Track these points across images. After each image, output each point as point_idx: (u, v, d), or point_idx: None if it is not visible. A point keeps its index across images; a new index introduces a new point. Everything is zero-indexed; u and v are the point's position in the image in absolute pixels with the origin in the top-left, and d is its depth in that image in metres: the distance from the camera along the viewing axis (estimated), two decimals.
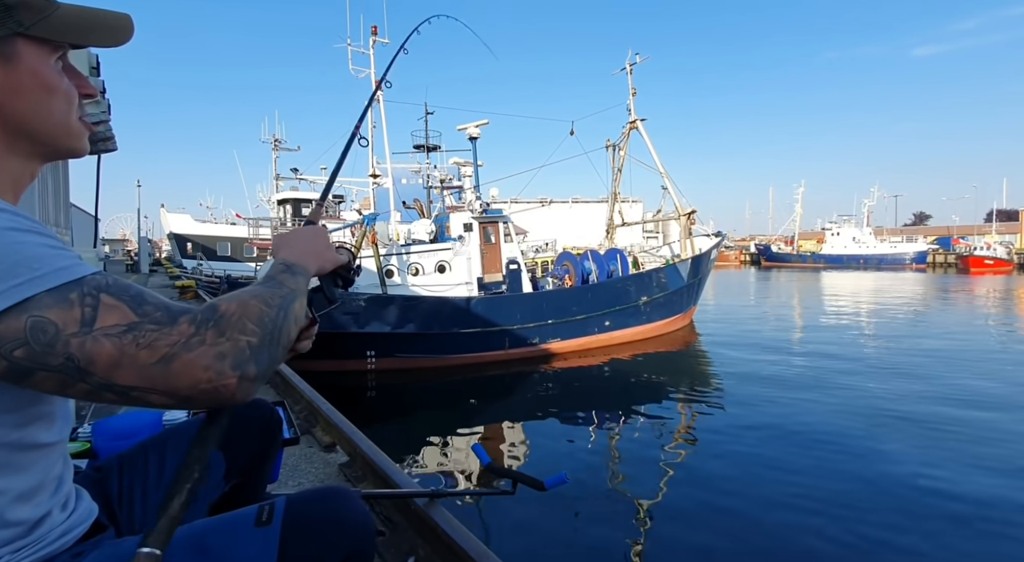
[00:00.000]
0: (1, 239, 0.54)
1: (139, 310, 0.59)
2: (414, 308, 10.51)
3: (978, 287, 27.58)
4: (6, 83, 0.62)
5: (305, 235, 0.91)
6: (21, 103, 0.63)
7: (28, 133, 0.65)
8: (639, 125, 16.67)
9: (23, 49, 0.63)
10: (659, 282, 13.42)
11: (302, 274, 0.81)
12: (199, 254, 25.79)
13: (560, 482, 1.69)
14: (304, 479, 2.11)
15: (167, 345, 0.58)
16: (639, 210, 47.91)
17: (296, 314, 0.73)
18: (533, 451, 6.60)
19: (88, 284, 0.58)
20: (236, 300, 0.66)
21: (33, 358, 0.54)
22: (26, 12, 0.62)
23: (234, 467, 1.05)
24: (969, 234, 56.73)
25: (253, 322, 0.64)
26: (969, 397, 8.11)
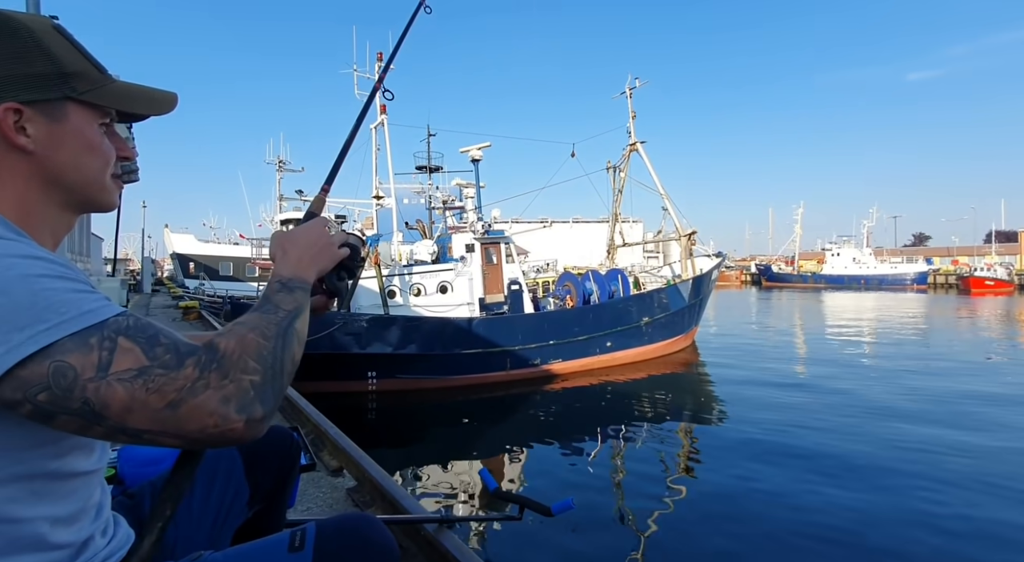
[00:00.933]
0: (33, 285, 0.57)
1: (151, 353, 0.61)
2: (416, 329, 10.52)
3: (981, 308, 27.54)
4: (50, 138, 0.69)
5: (301, 238, 0.88)
6: (61, 157, 0.70)
7: (64, 185, 0.71)
8: (639, 147, 16.91)
9: (72, 111, 0.70)
10: (660, 303, 13.44)
11: (300, 288, 0.80)
12: (201, 274, 25.90)
13: (566, 508, 1.71)
14: (312, 504, 2.12)
15: (174, 390, 0.60)
16: (640, 230, 48.16)
17: (298, 334, 0.74)
18: (537, 474, 6.55)
19: (109, 327, 0.60)
20: (235, 336, 0.67)
21: (55, 402, 0.57)
22: (80, 81, 0.70)
23: (258, 493, 1.08)
24: (969, 255, 56.88)
25: (254, 359, 0.65)
26: (975, 422, 8.07)
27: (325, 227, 0.93)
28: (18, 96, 0.66)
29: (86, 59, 0.72)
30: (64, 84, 0.69)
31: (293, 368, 0.71)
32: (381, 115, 14.18)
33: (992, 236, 59.35)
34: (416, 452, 7.51)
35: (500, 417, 9.48)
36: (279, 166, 31.39)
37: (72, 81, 0.70)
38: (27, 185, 0.69)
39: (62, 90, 0.69)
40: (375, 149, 14.64)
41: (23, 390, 0.56)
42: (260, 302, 0.76)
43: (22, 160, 0.68)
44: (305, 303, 0.79)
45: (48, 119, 0.68)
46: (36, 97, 0.67)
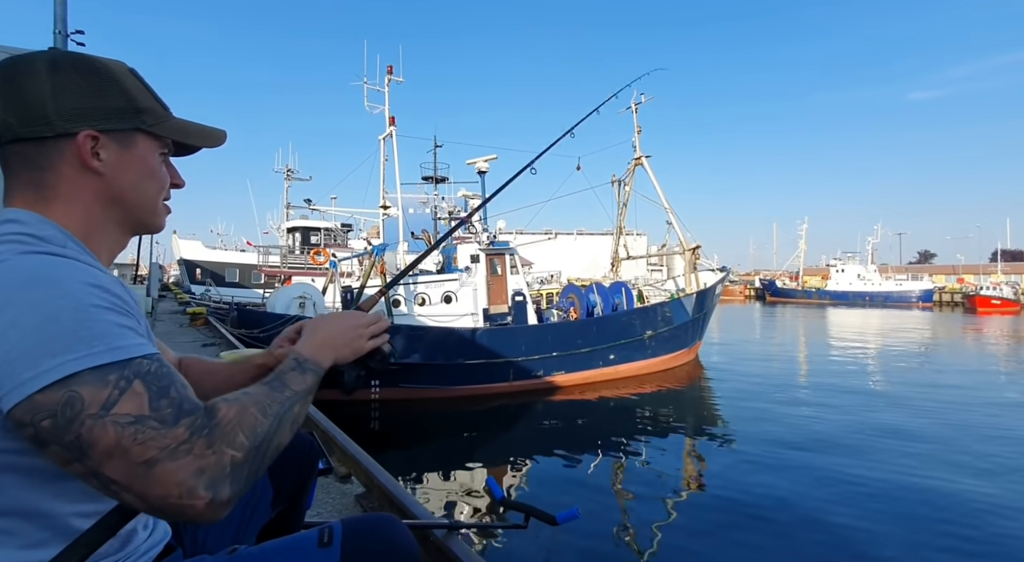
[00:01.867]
0: (81, 315, 0.60)
1: (155, 403, 0.61)
2: (420, 338, 10.57)
3: (990, 327, 27.29)
4: (119, 163, 0.77)
5: (333, 323, 0.92)
6: (125, 180, 0.78)
7: (125, 205, 0.79)
8: (644, 161, 17.03)
9: (139, 140, 0.80)
10: (664, 316, 13.45)
11: (312, 371, 0.82)
12: (208, 280, 26.06)
13: (572, 517, 1.75)
14: (322, 509, 2.16)
15: (157, 448, 0.59)
16: (644, 243, 48.23)
17: (295, 417, 0.75)
18: (540, 484, 6.56)
19: (132, 367, 0.62)
20: (237, 405, 0.68)
21: (54, 431, 0.58)
22: (149, 116, 0.80)
23: (280, 495, 1.14)
24: (974, 273, 56.62)
25: (245, 434, 0.66)
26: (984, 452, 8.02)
27: (359, 319, 0.96)
28: (97, 125, 0.74)
29: (153, 97, 0.82)
30: (135, 117, 0.78)
31: (276, 452, 0.71)
32: (390, 127, 14.38)
33: (998, 254, 59.15)
34: (420, 461, 7.52)
35: (503, 428, 9.49)
36: (287, 175, 31.73)
37: (142, 115, 0.79)
38: (93, 203, 0.76)
39: (133, 122, 0.78)
40: (383, 160, 14.82)
41: (33, 413, 0.57)
42: (272, 376, 0.78)
43: (93, 181, 0.76)
44: (313, 387, 0.81)
45: (119, 146, 0.77)
46: (111, 127, 0.76)
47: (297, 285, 13.58)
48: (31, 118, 0.71)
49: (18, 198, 0.74)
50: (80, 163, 0.74)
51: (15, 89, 0.72)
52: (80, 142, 0.73)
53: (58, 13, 3.92)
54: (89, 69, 0.75)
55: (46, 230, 0.70)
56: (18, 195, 0.74)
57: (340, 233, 29.58)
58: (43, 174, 0.73)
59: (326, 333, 0.91)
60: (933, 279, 53.91)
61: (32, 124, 0.71)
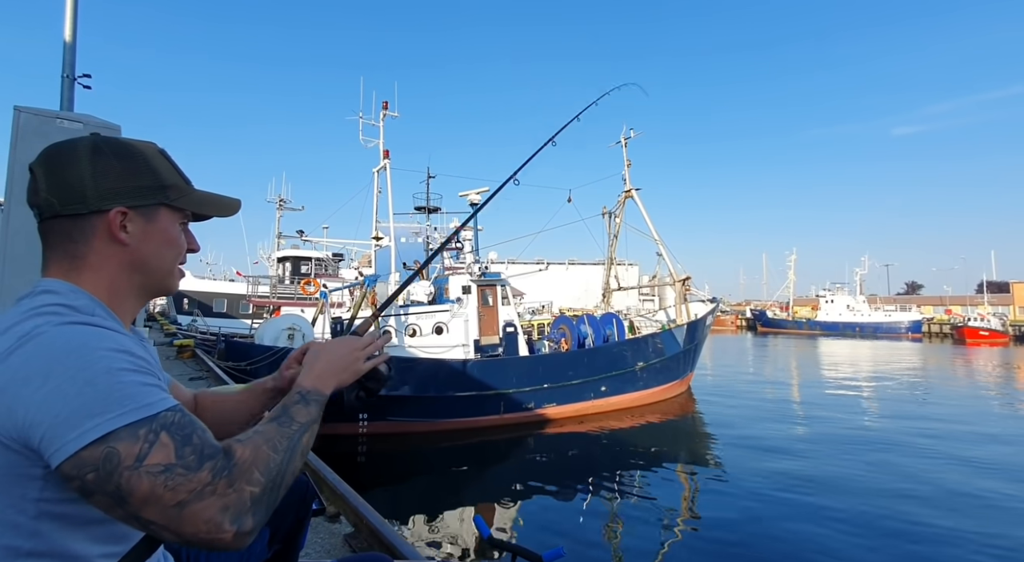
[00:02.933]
0: (113, 378, 0.68)
1: (180, 451, 0.69)
2: (410, 370, 10.48)
3: (981, 360, 27.43)
4: (143, 234, 0.85)
5: (331, 350, 0.99)
6: (148, 248, 0.86)
7: (147, 270, 0.87)
8: (634, 194, 17.39)
9: (163, 213, 0.88)
10: (655, 347, 13.46)
11: (316, 402, 0.89)
12: (195, 310, 25.78)
13: (557, 556, 1.75)
14: (311, 549, 2.13)
15: (186, 491, 0.67)
16: (635, 273, 48.62)
17: (304, 447, 0.82)
18: (529, 520, 6.43)
19: (159, 420, 0.69)
20: (251, 445, 0.75)
21: (98, 482, 0.65)
22: (173, 191, 0.89)
23: (277, 534, 1.15)
24: (962, 304, 57.40)
25: (261, 471, 0.73)
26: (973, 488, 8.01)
27: (355, 343, 1.02)
28: (127, 202, 0.83)
29: (178, 174, 0.91)
30: (161, 193, 0.87)
31: (291, 480, 0.79)
32: (384, 160, 14.62)
33: (984, 286, 60.13)
34: (408, 497, 7.36)
35: (493, 462, 9.33)
36: (280, 204, 31.85)
37: (167, 191, 0.88)
38: (118, 272, 0.84)
39: (158, 198, 0.87)
40: (376, 191, 15.01)
41: (79, 468, 0.65)
42: (278, 411, 0.86)
43: (119, 251, 0.84)
44: (318, 416, 0.88)
45: (144, 219, 0.85)
46: (139, 203, 0.85)
47: (286, 316, 13.50)
48: (71, 198, 0.80)
49: (54, 268, 0.82)
50: (109, 236, 0.82)
51: (60, 173, 0.81)
52: (111, 218, 0.81)
53: (67, 58, 4.04)
54: (126, 153, 0.85)
55: (78, 299, 0.78)
56: (55, 265, 0.82)
57: (331, 263, 29.53)
58: (76, 246, 0.82)
59: (326, 361, 0.97)
60: (921, 310, 54.57)
61: (72, 203, 0.80)
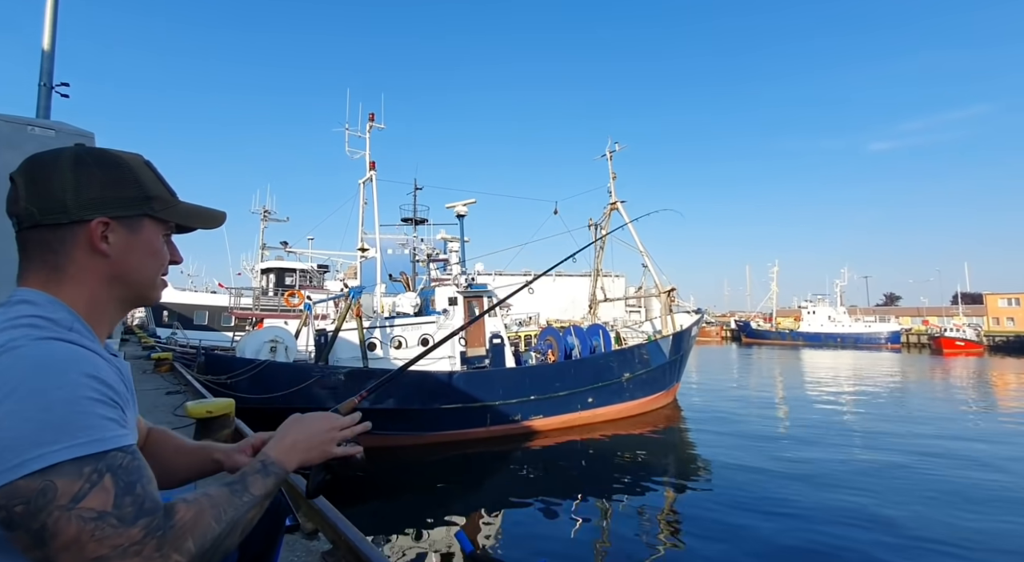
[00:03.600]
0: (72, 407, 0.64)
1: (119, 500, 0.64)
2: (395, 382, 10.32)
3: (959, 369, 27.93)
4: (126, 246, 0.83)
5: (306, 426, 0.95)
6: (131, 259, 0.84)
7: (128, 281, 0.85)
8: (619, 206, 17.54)
9: (146, 224, 0.86)
10: (641, 358, 13.47)
11: (275, 476, 0.85)
12: (175, 323, 25.24)
13: None
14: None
15: (110, 546, 0.62)
16: (622, 284, 48.88)
17: (248, 522, 0.78)
18: (515, 534, 6.31)
19: (107, 460, 0.65)
20: (195, 508, 0.71)
21: (25, 517, 0.60)
22: (157, 203, 0.87)
23: (246, 555, 1.07)
24: (938, 315, 58.65)
25: (194, 539, 0.69)
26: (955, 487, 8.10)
27: (334, 423, 0.99)
28: (108, 212, 0.81)
29: (163, 186, 0.89)
30: (145, 204, 0.85)
31: (222, 556, 0.74)
32: (370, 171, 14.57)
33: (958, 297, 61.58)
34: (392, 511, 7.20)
35: (479, 475, 9.20)
36: (264, 215, 31.54)
37: (152, 202, 0.86)
38: (98, 284, 0.81)
39: (142, 209, 0.85)
40: (362, 203, 14.93)
41: (9, 498, 0.60)
42: (236, 477, 0.82)
43: (100, 262, 0.81)
44: (272, 491, 0.85)
45: (127, 230, 0.83)
46: (122, 213, 0.82)
47: (269, 328, 13.24)
48: (52, 207, 0.78)
49: (32, 278, 0.79)
50: (90, 246, 0.79)
51: (41, 182, 0.78)
52: (92, 228, 0.79)
53: (44, 67, 3.98)
54: (110, 163, 0.83)
55: (57, 312, 0.75)
56: (32, 275, 0.79)
57: (316, 274, 29.20)
58: (56, 257, 0.79)
59: (296, 435, 0.94)
60: (900, 321, 55.62)
61: (52, 212, 0.78)
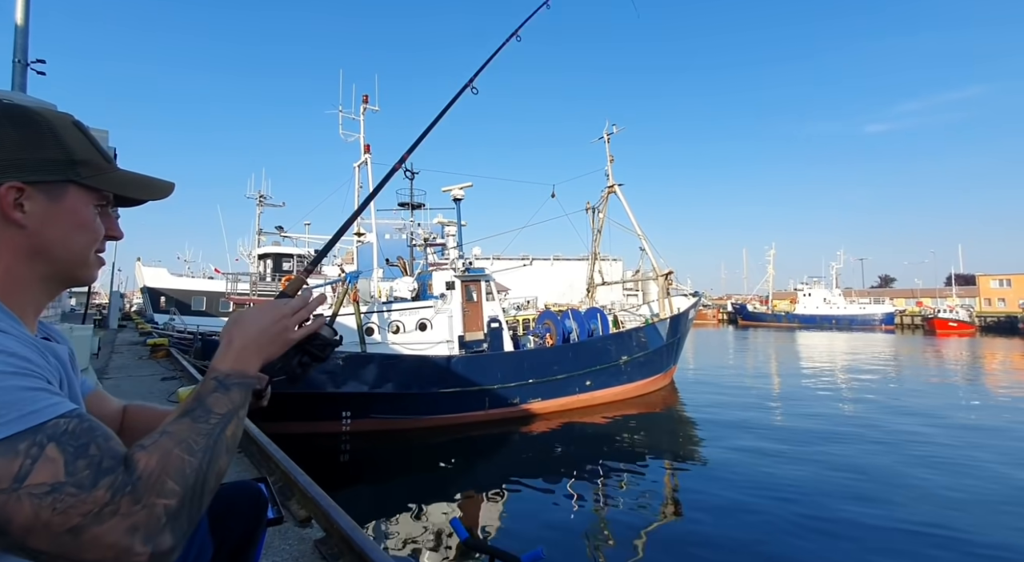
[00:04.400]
0: None
1: (71, 467, 0.58)
2: (393, 367, 10.34)
3: (950, 349, 28.25)
4: (45, 215, 0.73)
5: (251, 323, 0.83)
6: (51, 232, 0.74)
7: (51, 257, 0.75)
8: (617, 189, 17.41)
9: (71, 193, 0.76)
10: (639, 341, 13.52)
11: (238, 386, 0.76)
12: (172, 309, 25.18)
13: (536, 558, 1.69)
14: (278, 557, 2.02)
15: (80, 515, 0.56)
16: (619, 268, 48.92)
17: (229, 441, 0.70)
18: (513, 518, 6.37)
19: (46, 430, 0.58)
20: (157, 452, 0.63)
21: None
22: (85, 168, 0.77)
23: (222, 550, 1.03)
24: (932, 297, 59.00)
25: (174, 479, 0.62)
26: (947, 459, 8.19)
27: (281, 309, 0.86)
28: (23, 177, 0.71)
29: (95, 150, 0.79)
30: (70, 169, 0.75)
31: (217, 482, 0.67)
32: (365, 154, 14.38)
33: (952, 279, 61.86)
34: (390, 496, 7.25)
35: (477, 459, 9.26)
36: (259, 200, 31.27)
37: (78, 167, 0.76)
38: (15, 257, 0.72)
39: (67, 174, 0.75)
40: (358, 187, 14.77)
41: None
42: (192, 403, 0.72)
43: (15, 233, 0.72)
44: (242, 403, 0.75)
45: (47, 198, 0.73)
46: (40, 178, 0.73)
47: None
48: None
49: None
50: (2, 215, 0.70)
51: None
52: (2, 194, 0.69)
53: (18, 42, 3.83)
54: (25, 121, 0.73)
55: None
56: None
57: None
58: None
59: (243, 336, 0.81)
60: (894, 302, 56.01)
61: None
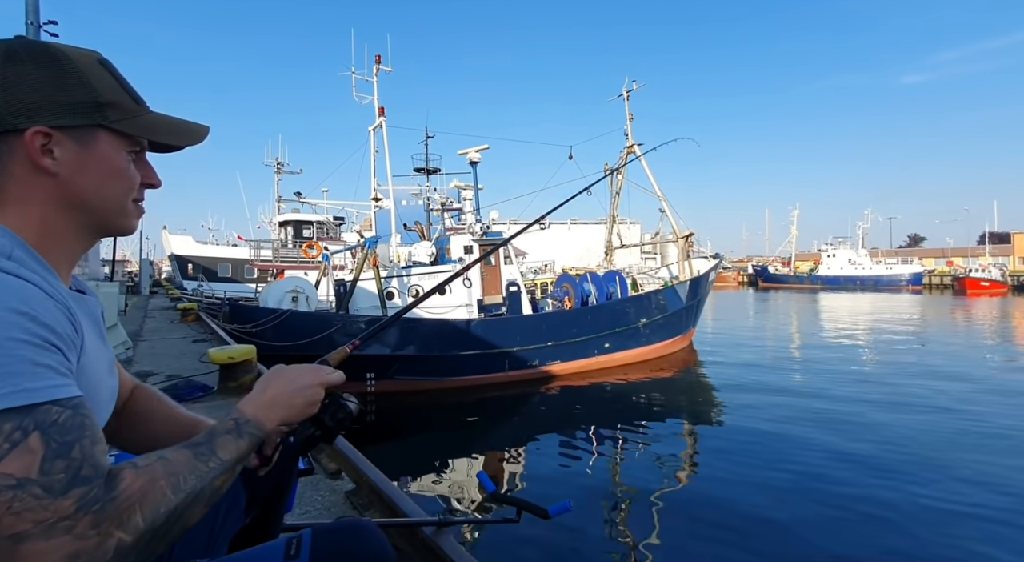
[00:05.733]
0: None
1: (47, 465, 0.54)
2: (414, 330, 10.54)
3: (980, 310, 27.56)
4: (76, 162, 0.71)
5: (288, 379, 0.83)
6: (85, 181, 0.72)
7: (86, 208, 0.73)
8: (636, 149, 16.96)
9: (102, 138, 0.73)
10: (658, 304, 13.48)
11: (249, 437, 0.75)
12: (199, 275, 25.85)
13: (564, 510, 1.73)
14: (311, 507, 2.13)
15: (32, 521, 0.52)
16: (637, 231, 48.26)
17: (214, 492, 0.68)
18: (534, 476, 6.57)
19: (35, 416, 0.55)
20: (146, 475, 0.61)
21: None
22: (114, 111, 0.74)
23: (255, 500, 1.08)
24: (963, 256, 57.15)
25: (143, 514, 0.58)
26: (974, 426, 8.12)
27: (322, 376, 0.86)
28: (50, 121, 0.68)
29: (124, 91, 0.76)
30: (97, 113, 0.72)
31: (180, 534, 0.63)
32: (380, 117, 14.20)
33: (986, 237, 59.64)
34: (414, 454, 7.52)
35: (498, 418, 9.50)
36: (277, 168, 31.35)
37: (106, 110, 0.73)
38: (49, 207, 0.71)
39: (94, 118, 0.72)
40: (373, 151, 14.66)
41: None
42: (203, 436, 0.71)
43: (46, 182, 0.70)
44: (246, 454, 0.74)
45: (77, 144, 0.71)
46: (67, 123, 0.69)
47: (290, 279, 13.47)
48: None
49: None
50: (31, 162, 0.68)
51: None
52: (28, 139, 0.67)
53: (30, 3, 3.80)
54: (49, 60, 0.69)
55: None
56: None
57: (332, 226, 29.37)
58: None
59: (278, 389, 0.82)
60: (923, 262, 54.41)
61: None
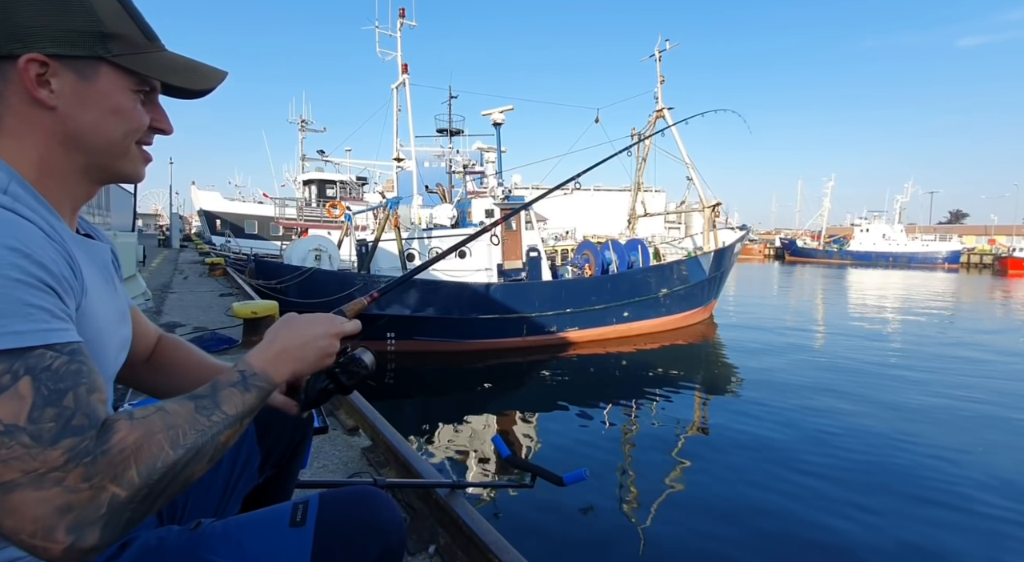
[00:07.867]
0: None
1: (37, 412, 0.51)
2: (434, 292, 10.62)
3: (1019, 291, 26.48)
4: (75, 96, 0.66)
5: (298, 327, 0.79)
6: (85, 117, 0.67)
7: (84, 146, 0.68)
8: (666, 113, 16.33)
9: (104, 73, 0.68)
10: (680, 274, 13.28)
11: (258, 388, 0.70)
12: (227, 231, 26.35)
13: (578, 479, 1.72)
14: (328, 461, 2.18)
15: (20, 471, 0.49)
16: (662, 200, 47.28)
17: (219, 447, 0.63)
18: (549, 441, 6.67)
19: (27, 359, 0.52)
20: (143, 427, 0.57)
21: None
22: (118, 44, 0.68)
23: (269, 458, 1.08)
24: (1008, 234, 54.63)
25: (139, 468, 0.55)
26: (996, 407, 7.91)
27: (336, 326, 0.82)
28: (46, 48, 0.63)
29: (134, 23, 0.70)
30: (100, 44, 0.66)
31: (179, 491, 0.60)
32: (403, 75, 13.91)
33: None
34: (431, 414, 7.69)
35: (515, 383, 9.62)
36: (301, 126, 31.34)
37: (109, 42, 0.67)
38: (47, 143, 0.66)
39: (96, 50, 0.66)
40: (396, 110, 14.46)
41: None
42: (206, 389, 0.67)
43: (44, 116, 0.65)
44: (254, 408, 0.70)
45: (76, 76, 0.66)
46: (66, 52, 0.64)
47: (313, 238, 13.63)
48: None
49: None
50: (27, 93, 0.64)
51: None
52: (22, 67, 0.62)
53: None
54: None
55: None
56: None
57: (355, 186, 29.48)
58: None
59: (288, 340, 0.77)
60: (963, 240, 52.24)
61: None
